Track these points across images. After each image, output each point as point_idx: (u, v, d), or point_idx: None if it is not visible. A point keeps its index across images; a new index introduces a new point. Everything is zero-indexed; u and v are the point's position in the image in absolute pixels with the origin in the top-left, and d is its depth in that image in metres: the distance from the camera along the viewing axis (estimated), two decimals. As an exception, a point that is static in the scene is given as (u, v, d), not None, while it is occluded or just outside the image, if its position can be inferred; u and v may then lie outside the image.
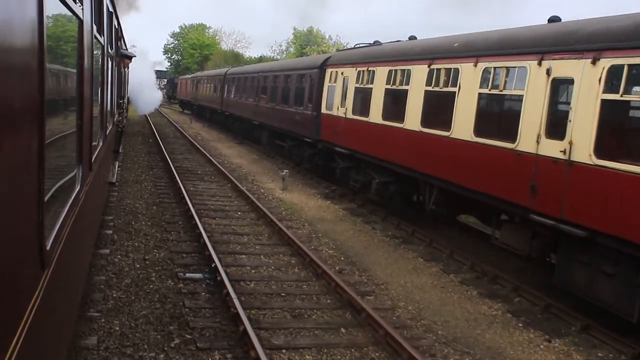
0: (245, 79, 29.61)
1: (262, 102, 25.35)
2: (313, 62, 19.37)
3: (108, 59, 8.36)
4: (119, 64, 14.24)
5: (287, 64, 23.40)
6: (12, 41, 1.88)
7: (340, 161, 16.62)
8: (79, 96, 4.12)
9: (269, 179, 19.83)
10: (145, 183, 17.02)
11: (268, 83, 24.63)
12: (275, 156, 25.13)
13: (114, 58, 10.66)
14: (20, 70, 2.03)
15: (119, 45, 13.43)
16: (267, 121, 24.74)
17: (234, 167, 21.94)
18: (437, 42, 11.98)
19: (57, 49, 3.23)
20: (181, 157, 23.37)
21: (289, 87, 21.59)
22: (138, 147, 25.73)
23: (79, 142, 4.18)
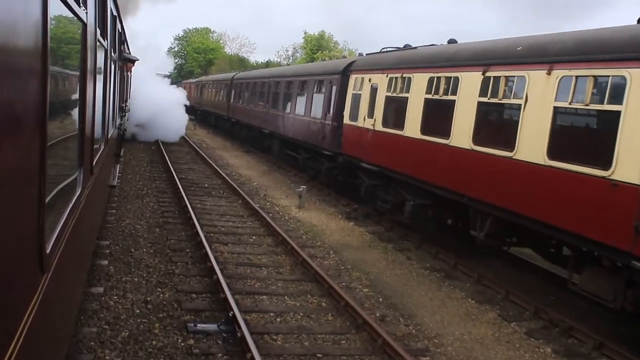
0: (255, 84, 27.94)
1: (274, 110, 23.66)
2: (334, 67, 17.67)
3: (111, 62, 8.22)
4: (122, 67, 14.07)
5: (302, 68, 21.70)
6: (16, 44, 1.90)
7: (365, 178, 14.90)
8: (82, 99, 4.05)
9: (282, 194, 18.10)
10: (148, 198, 15.28)
11: (281, 89, 22.95)
12: (287, 168, 23.42)
13: (117, 62, 10.54)
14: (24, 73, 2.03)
15: (122, 49, 13.22)
16: (278, 130, 23.04)
17: (243, 180, 20.22)
18: (494, 45, 10.26)
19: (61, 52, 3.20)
20: (186, 168, 21.66)
21: (304, 94, 19.90)
22: (139, 156, 24.02)
23: (81, 145, 4.12)
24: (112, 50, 8.41)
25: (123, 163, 21.22)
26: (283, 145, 23.58)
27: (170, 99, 32.50)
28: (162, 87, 34.44)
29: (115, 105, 10.50)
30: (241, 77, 32.34)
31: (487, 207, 9.74)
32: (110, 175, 10.65)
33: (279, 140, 23.65)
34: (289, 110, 21.53)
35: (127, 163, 21.50)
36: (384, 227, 14.32)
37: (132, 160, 22.58)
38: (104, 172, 7.69)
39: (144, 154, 24.77)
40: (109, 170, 9.95)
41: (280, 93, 22.95)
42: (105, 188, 9.33)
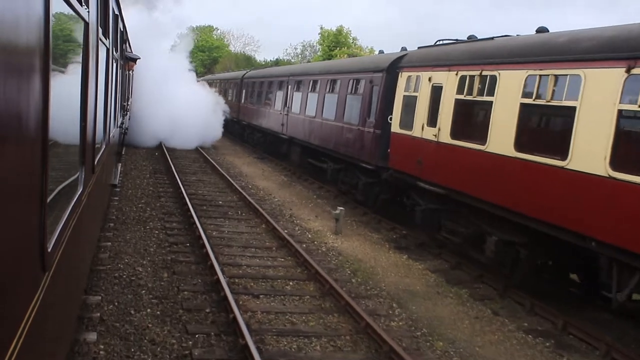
0: (270, 83, 25.06)
1: (294, 113, 20.79)
2: (375, 63, 14.78)
3: (113, 61, 8.04)
4: (124, 66, 13.73)
5: (331, 65, 18.76)
6: (18, 42, 1.88)
7: (420, 200, 12.04)
8: (83, 98, 4.04)
9: (310, 214, 15.23)
10: (152, 223, 12.41)
11: (303, 89, 20.07)
12: (309, 178, 20.56)
13: (119, 60, 10.38)
14: (26, 71, 2.00)
15: (124, 48, 12.91)
16: (300, 136, 20.16)
17: (262, 195, 17.36)
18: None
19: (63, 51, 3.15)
20: (195, 180, 18.78)
21: (335, 96, 17.02)
22: (141, 165, 21.15)
23: (82, 144, 4.11)
24: (114, 49, 8.24)
25: (123, 174, 18.40)
26: (305, 153, 20.72)
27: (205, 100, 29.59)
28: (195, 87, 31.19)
29: (116, 104, 10.30)
30: (253, 75, 29.47)
31: (635, 259, 6.86)
32: (111, 174, 10.44)
33: (300, 147, 20.77)
34: (314, 113, 18.64)
35: (128, 174, 18.64)
36: (448, 263, 11.46)
37: (133, 170, 19.72)
38: (105, 171, 7.61)
39: (147, 162, 21.90)
40: (110, 169, 9.69)
41: (303, 94, 20.07)
42: (106, 187, 9.22)
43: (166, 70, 27.74)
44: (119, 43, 9.90)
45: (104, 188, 8.28)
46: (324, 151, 18.00)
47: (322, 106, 17.89)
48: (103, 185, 7.79)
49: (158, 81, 26.41)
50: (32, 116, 2.13)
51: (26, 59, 2.00)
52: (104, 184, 7.92)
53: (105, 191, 9.53)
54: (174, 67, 29.11)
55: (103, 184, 7.71)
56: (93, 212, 5.97)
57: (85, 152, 4.21)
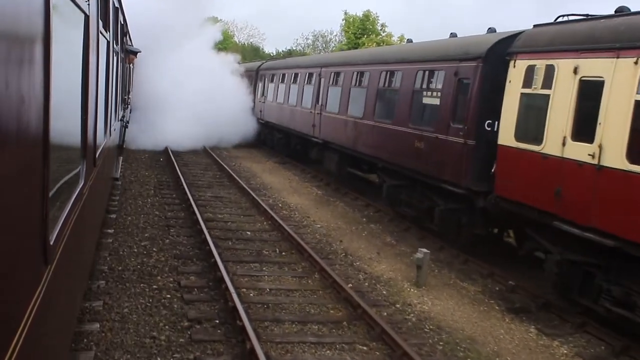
0: (294, 76, 21.20)
1: (331, 112, 16.96)
2: (463, 48, 10.87)
3: (113, 54, 7.86)
4: (124, 59, 13.33)
5: (385, 53, 14.72)
6: (19, 35, 1.86)
7: (551, 247, 8.27)
8: (84, 91, 4.01)
9: (369, 248, 11.49)
10: (160, 279, 8.61)
11: (343, 83, 16.22)
12: (349, 192, 16.75)
13: (119, 54, 10.13)
14: (26, 65, 1.98)
15: (124, 41, 12.61)
16: (339, 140, 16.35)
17: (298, 218, 13.59)
18: None
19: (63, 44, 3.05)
20: (211, 197, 14.97)
21: (394, 92, 13.21)
22: (143, 176, 17.31)
23: (83, 138, 4.07)
24: (114, 42, 8.09)
25: (121, 190, 14.65)
26: (344, 161, 16.93)
27: None
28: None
29: (117, 98, 10.11)
30: (271, 67, 25.57)
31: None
32: (113, 167, 10.27)
33: (339, 154, 16.95)
34: (360, 114, 14.82)
35: (127, 190, 14.86)
36: (603, 344, 7.69)
37: (133, 183, 15.92)
38: (106, 164, 7.61)
39: (150, 172, 18.07)
40: (111, 162, 9.56)
41: (343, 88, 16.21)
42: (108, 180, 9.08)
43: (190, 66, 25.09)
44: (119, 36, 9.62)
45: (105, 181, 8.07)
46: (375, 161, 14.20)
47: (374, 105, 14.06)
48: (104, 179, 7.68)
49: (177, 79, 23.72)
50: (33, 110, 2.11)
51: (27, 52, 1.98)
52: (105, 177, 7.77)
53: (107, 184, 9.23)
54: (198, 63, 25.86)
55: (104, 178, 7.61)
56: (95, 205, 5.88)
57: (87, 145, 4.17)
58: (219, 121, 25.94)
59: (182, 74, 25.58)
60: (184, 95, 25.48)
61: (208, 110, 25.32)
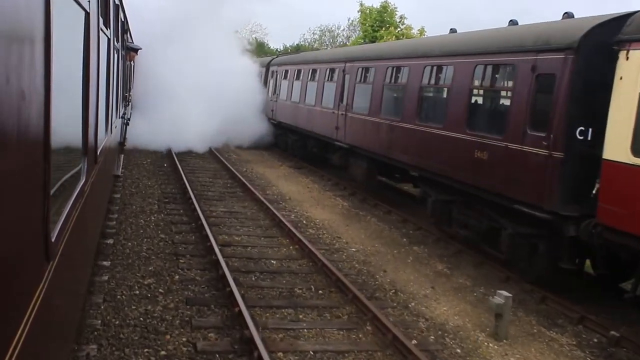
0: (312, 72, 19.11)
1: (359, 113, 14.90)
2: (543, 36, 8.70)
3: (114, 51, 7.89)
4: (125, 57, 12.78)
5: (433, 44, 12.39)
6: (19, 32, 1.86)
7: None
8: (85, 89, 3.98)
9: (420, 281, 9.50)
10: (168, 334, 6.60)
11: (376, 79, 14.13)
12: (380, 204, 14.70)
13: (120, 51, 10.16)
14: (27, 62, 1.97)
15: (125, 38, 12.29)
16: (369, 146, 14.30)
17: (328, 239, 11.57)
18: None
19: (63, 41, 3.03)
20: (225, 213, 12.93)
21: (446, 91, 11.16)
22: (145, 186, 15.26)
23: (84, 135, 4.06)
24: (115, 39, 8.10)
25: (120, 205, 12.63)
26: (373, 168, 14.89)
27: None
28: None
29: (118, 95, 9.97)
30: (284, 62, 23.48)
31: None
32: (114, 164, 10.12)
33: (368, 161, 14.91)
34: (397, 116, 12.77)
35: (126, 205, 12.82)
36: None
37: (135, 195, 13.88)
38: (108, 162, 7.58)
39: (153, 181, 16.00)
40: (113, 159, 9.48)
41: (374, 86, 14.13)
42: (109, 177, 9.03)
43: None
44: (120, 33, 9.61)
45: (106, 178, 8.05)
46: (417, 172, 12.15)
47: (416, 106, 11.99)
48: (106, 176, 7.62)
49: None
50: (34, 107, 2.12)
51: (27, 49, 1.97)
52: (106, 174, 7.74)
53: (108, 182, 9.30)
54: None
55: (106, 175, 7.55)
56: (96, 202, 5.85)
57: (88, 142, 4.15)
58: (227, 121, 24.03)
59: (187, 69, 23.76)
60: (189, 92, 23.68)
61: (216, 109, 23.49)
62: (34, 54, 2.07)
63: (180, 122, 22.69)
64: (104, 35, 5.83)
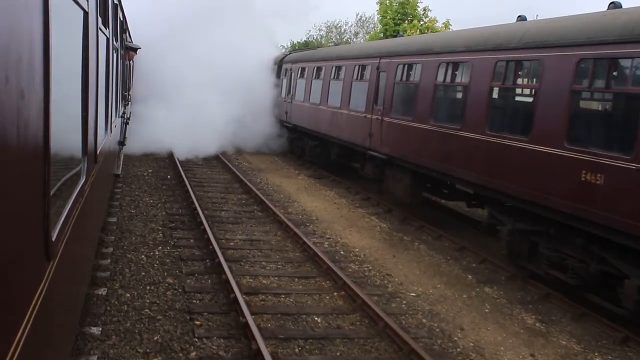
0: (337, 70, 16.73)
1: (401, 118, 12.53)
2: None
3: (113, 51, 7.83)
4: (124, 56, 12.34)
5: (509, 33, 9.81)
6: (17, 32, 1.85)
7: None
8: (84, 88, 3.98)
9: (512, 342, 7.21)
10: None
11: (424, 78, 11.74)
12: (426, 226, 12.35)
13: (119, 50, 10.08)
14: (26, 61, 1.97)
15: (124, 38, 12.05)
16: (416, 157, 11.94)
17: (378, 279, 9.25)
18: None
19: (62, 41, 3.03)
20: (243, 241, 10.60)
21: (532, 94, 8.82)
22: (147, 204, 12.88)
23: (84, 135, 4.07)
24: (114, 39, 8.05)
25: (118, 231, 10.31)
26: (418, 183, 12.56)
27: None
28: None
29: (118, 94, 9.91)
30: (300, 58, 21.06)
31: None
32: (114, 164, 9.96)
33: (411, 174, 12.55)
34: (457, 123, 10.42)
35: (125, 231, 10.48)
36: None
37: (134, 219, 11.52)
38: (108, 161, 7.62)
39: (155, 198, 13.62)
40: (113, 158, 9.40)
41: (420, 87, 11.76)
42: (109, 177, 9.08)
43: None
44: (118, 32, 9.42)
45: (106, 178, 8.01)
46: (483, 191, 9.81)
47: (485, 112, 9.64)
48: (106, 175, 7.60)
49: None
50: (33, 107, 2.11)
51: (26, 49, 1.96)
52: (106, 173, 7.72)
53: (108, 181, 9.15)
54: None
55: (106, 174, 7.54)
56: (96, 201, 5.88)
57: (87, 142, 4.15)
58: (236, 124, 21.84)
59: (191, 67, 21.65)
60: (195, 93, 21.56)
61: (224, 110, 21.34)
62: (32, 53, 2.08)
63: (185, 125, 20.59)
64: (103, 35, 5.74)
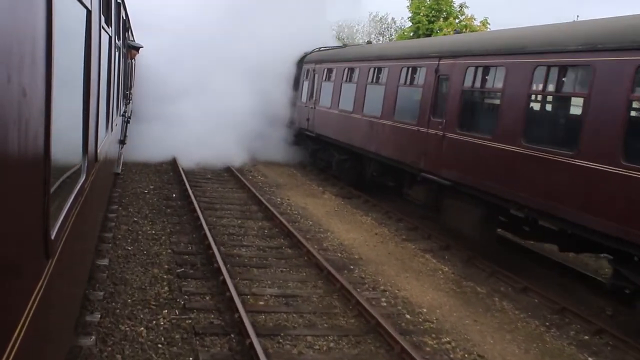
0: (377, 72, 14.04)
1: (473, 135, 9.86)
2: None
3: (115, 49, 7.75)
4: (126, 55, 12.12)
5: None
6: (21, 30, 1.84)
7: None
8: (85, 86, 3.95)
9: None
10: None
11: (508, 86, 9.06)
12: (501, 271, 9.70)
13: (122, 49, 9.72)
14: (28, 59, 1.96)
15: (126, 36, 11.74)
16: (496, 187, 9.28)
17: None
18: None
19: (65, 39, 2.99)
20: (275, 298, 8.00)
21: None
22: (147, 236, 10.18)
23: (85, 133, 4.05)
24: (117, 38, 7.99)
25: (108, 283, 7.62)
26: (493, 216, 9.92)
27: None
28: None
29: (119, 93, 9.73)
30: (326, 58, 18.35)
31: None
32: (114, 162, 9.86)
33: (484, 206, 9.90)
34: (569, 146, 7.77)
35: (117, 286, 7.81)
36: None
37: (132, 258, 8.90)
38: (108, 160, 7.58)
39: (157, 226, 10.91)
40: (113, 157, 9.23)
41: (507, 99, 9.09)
42: (110, 175, 9.04)
43: None
44: (121, 31, 9.25)
45: (107, 176, 7.97)
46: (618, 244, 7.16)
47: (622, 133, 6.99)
48: (106, 174, 7.61)
49: None
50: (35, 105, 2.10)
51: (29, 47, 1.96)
52: (107, 172, 7.70)
53: (109, 180, 9.05)
54: None
55: (106, 173, 7.55)
56: (96, 200, 5.84)
57: (88, 140, 4.13)
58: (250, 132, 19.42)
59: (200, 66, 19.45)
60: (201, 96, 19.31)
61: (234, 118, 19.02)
62: (35, 51, 2.07)
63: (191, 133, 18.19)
64: (105, 34, 5.70)
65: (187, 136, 18.48)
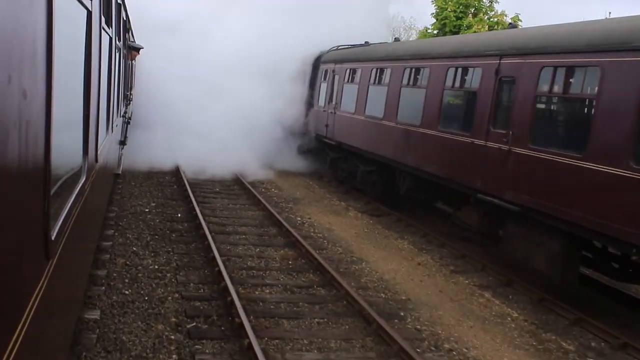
0: (414, 74, 12.14)
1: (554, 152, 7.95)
2: None
3: (116, 50, 7.68)
4: (127, 56, 11.93)
5: None
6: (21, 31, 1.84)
7: None
8: (86, 87, 3.93)
9: None
10: None
11: (605, 91, 7.21)
12: (590, 322, 7.82)
13: (122, 50, 9.59)
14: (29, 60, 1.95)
15: (126, 37, 11.38)
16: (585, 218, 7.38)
17: None
18: None
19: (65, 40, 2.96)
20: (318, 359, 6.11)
21: None
22: (147, 276, 8.24)
23: (85, 134, 4.00)
24: (117, 39, 7.91)
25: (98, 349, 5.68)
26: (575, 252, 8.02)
27: None
28: None
29: (119, 94, 9.56)
30: (348, 57, 16.42)
31: None
32: (115, 163, 9.66)
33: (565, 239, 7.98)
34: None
35: (111, 353, 5.90)
36: None
37: (129, 306, 7.02)
38: (108, 161, 7.55)
39: (161, 258, 8.99)
40: (114, 158, 9.09)
41: (604, 106, 7.22)
42: (110, 176, 8.91)
43: None
44: (121, 32, 9.09)
45: (107, 177, 7.89)
46: None
47: None
48: (107, 175, 7.54)
49: None
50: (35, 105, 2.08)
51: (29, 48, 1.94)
52: (107, 173, 7.64)
53: (109, 180, 8.94)
54: None
55: (107, 173, 7.48)
56: (97, 201, 5.79)
57: (88, 141, 4.08)
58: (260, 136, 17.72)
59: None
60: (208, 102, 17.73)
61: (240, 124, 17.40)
62: (35, 52, 2.05)
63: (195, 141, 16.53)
64: (106, 34, 5.66)
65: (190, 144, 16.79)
